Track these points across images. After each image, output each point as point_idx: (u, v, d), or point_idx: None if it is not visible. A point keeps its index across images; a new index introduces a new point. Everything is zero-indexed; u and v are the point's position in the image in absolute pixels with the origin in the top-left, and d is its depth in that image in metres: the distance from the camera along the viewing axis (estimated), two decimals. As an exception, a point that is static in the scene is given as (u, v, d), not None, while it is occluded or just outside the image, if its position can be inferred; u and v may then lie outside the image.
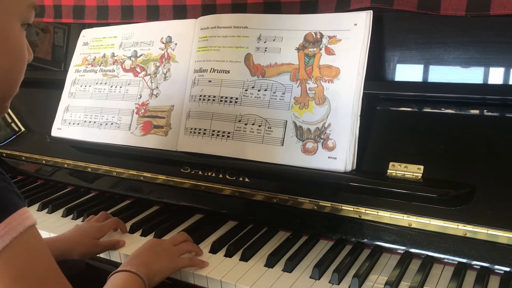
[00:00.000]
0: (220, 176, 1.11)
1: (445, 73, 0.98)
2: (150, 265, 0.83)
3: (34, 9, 0.62)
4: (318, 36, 1.02)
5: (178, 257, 0.89)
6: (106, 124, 1.25)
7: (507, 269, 0.84)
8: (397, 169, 0.94)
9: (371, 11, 0.98)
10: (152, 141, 1.17)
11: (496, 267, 0.85)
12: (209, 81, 1.11)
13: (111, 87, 1.27)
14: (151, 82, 1.21)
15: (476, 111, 0.92)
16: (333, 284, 0.85)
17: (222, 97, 1.09)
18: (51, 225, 1.13)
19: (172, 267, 0.87)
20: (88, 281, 1.03)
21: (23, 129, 1.49)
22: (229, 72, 1.09)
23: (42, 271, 0.59)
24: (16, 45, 0.61)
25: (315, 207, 1.00)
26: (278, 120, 1.03)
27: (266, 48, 1.06)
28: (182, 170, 1.15)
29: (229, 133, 1.07)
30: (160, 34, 1.23)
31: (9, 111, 1.52)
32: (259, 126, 1.04)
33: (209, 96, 1.10)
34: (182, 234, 0.98)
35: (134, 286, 0.78)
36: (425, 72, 1.00)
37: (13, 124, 1.51)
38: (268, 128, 1.03)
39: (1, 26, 0.58)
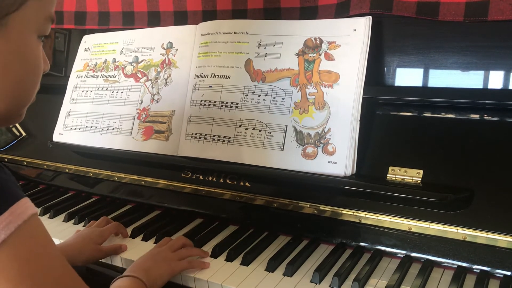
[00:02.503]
0: (221, 180, 1.11)
1: (444, 78, 0.98)
2: (149, 271, 0.84)
3: (51, 21, 0.63)
4: (318, 42, 1.03)
5: (176, 261, 0.90)
6: (108, 129, 1.26)
7: (507, 272, 0.84)
8: (397, 174, 0.94)
9: (370, 17, 0.99)
10: (153, 146, 1.18)
11: (496, 270, 0.85)
12: (210, 86, 1.12)
13: (113, 92, 1.28)
14: (152, 88, 1.22)
15: (474, 116, 0.93)
16: (333, 288, 0.85)
17: (222, 102, 1.10)
18: (53, 230, 1.13)
19: (171, 270, 0.88)
20: (89, 285, 1.03)
21: (24, 133, 1.50)
22: (229, 78, 1.10)
23: (48, 257, 0.60)
24: (32, 56, 0.62)
25: (316, 212, 1.01)
26: (278, 125, 1.03)
27: (266, 53, 1.07)
28: (183, 174, 1.16)
29: (229, 138, 1.08)
30: (161, 40, 1.23)
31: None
32: (260, 131, 1.05)
33: (210, 101, 1.11)
34: (179, 238, 0.98)
35: None
36: (424, 77, 1.00)
37: (14, 129, 1.52)
38: (269, 133, 1.04)
39: (18, 37, 0.59)
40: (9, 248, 0.56)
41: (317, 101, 1.01)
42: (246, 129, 1.06)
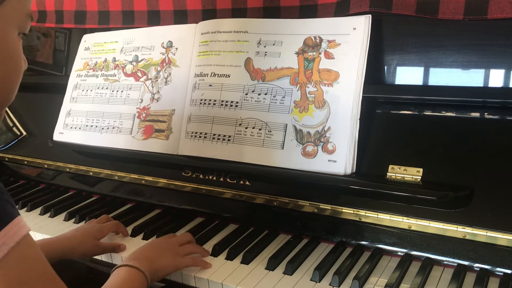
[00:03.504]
0: (221, 179, 1.11)
1: (443, 76, 0.98)
2: (154, 261, 0.85)
3: (31, 18, 0.63)
4: (318, 40, 1.03)
5: (182, 256, 0.90)
6: (108, 128, 1.26)
7: (507, 271, 0.84)
8: (397, 172, 0.94)
9: (370, 15, 0.99)
10: (153, 145, 1.18)
11: (496, 269, 0.85)
12: (210, 85, 1.12)
13: (113, 91, 1.28)
14: (152, 87, 1.22)
15: (474, 114, 0.93)
16: (333, 286, 0.85)
17: (222, 101, 1.10)
18: (53, 229, 1.14)
19: (176, 265, 0.89)
20: (90, 284, 1.04)
21: (24, 133, 1.50)
22: (229, 76, 1.10)
23: (40, 278, 0.60)
24: (14, 53, 0.62)
25: (316, 210, 1.01)
26: (278, 124, 1.04)
27: (266, 52, 1.07)
28: (183, 173, 1.16)
29: (229, 136, 1.08)
30: (161, 39, 1.24)
31: (10, 115, 1.53)
32: (260, 129, 1.05)
33: (210, 100, 1.11)
34: (186, 234, 1.00)
35: (136, 281, 0.79)
36: (424, 75, 1.00)
37: (14, 128, 1.52)
38: (268, 131, 1.04)
39: (1, 33, 0.59)
40: (2, 271, 0.55)
41: (317, 99, 1.01)
42: (246, 128, 1.06)
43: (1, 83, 0.61)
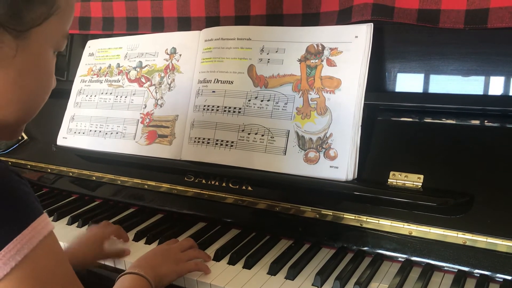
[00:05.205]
0: (223, 184, 1.12)
1: (444, 84, 1.00)
2: (157, 268, 0.85)
3: (67, 38, 0.66)
4: (320, 48, 1.04)
5: (185, 262, 0.91)
6: (111, 133, 1.27)
7: (507, 277, 0.85)
8: (398, 178, 0.95)
9: (372, 23, 1.00)
10: (156, 150, 1.19)
11: (496, 275, 0.86)
12: (213, 91, 1.13)
13: (116, 97, 1.29)
14: (156, 92, 1.23)
15: (475, 122, 0.94)
16: (335, 291, 0.86)
17: (225, 107, 1.11)
18: (57, 233, 1.10)
19: (179, 271, 0.89)
20: (92, 289, 1.04)
21: (26, 137, 1.51)
22: (232, 83, 1.11)
23: (64, 273, 0.62)
24: (47, 71, 0.65)
25: (317, 216, 1.02)
26: (280, 130, 1.05)
27: (268, 59, 1.09)
28: (185, 178, 1.17)
29: (232, 142, 1.09)
30: (164, 45, 1.25)
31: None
32: (262, 135, 1.06)
33: (213, 106, 1.12)
34: (188, 240, 1.00)
35: None
36: (425, 83, 1.02)
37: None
38: (271, 137, 1.05)
39: (38, 52, 0.62)
40: (31, 263, 0.57)
41: (319, 106, 1.02)
42: (249, 133, 1.07)
43: (29, 98, 0.64)
